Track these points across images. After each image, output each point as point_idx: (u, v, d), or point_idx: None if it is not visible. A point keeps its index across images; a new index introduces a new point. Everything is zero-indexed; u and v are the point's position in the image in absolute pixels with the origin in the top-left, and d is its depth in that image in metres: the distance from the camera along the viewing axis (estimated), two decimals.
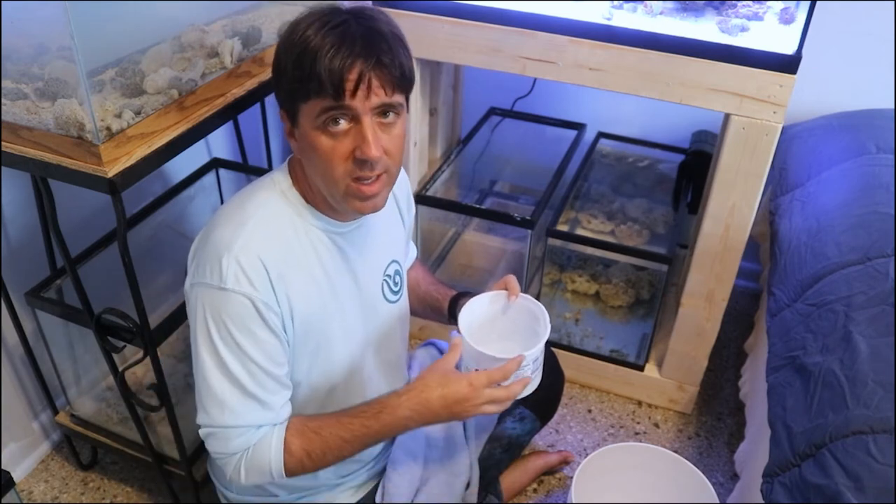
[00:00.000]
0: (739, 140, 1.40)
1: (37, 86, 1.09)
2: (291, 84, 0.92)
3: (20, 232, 1.46)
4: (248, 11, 1.43)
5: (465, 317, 1.08)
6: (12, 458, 1.61)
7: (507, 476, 1.52)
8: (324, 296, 1.04)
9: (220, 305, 0.94)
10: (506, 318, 1.14)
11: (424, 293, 1.31)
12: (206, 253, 0.97)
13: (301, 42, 0.90)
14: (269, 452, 0.99)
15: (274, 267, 0.96)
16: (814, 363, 1.14)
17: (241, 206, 1.00)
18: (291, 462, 1.00)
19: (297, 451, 1.00)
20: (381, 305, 1.15)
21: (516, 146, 2.19)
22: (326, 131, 0.92)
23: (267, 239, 0.97)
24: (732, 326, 2.05)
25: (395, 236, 1.20)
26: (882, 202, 1.37)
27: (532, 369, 1.05)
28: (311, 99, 0.91)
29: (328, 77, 0.88)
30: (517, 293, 1.11)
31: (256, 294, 0.94)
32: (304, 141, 0.96)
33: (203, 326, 0.96)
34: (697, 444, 1.75)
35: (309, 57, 0.89)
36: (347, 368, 1.11)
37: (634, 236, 1.97)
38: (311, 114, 0.92)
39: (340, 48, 0.88)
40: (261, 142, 1.83)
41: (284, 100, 0.96)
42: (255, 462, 0.99)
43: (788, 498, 1.02)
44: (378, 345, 1.16)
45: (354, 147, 0.92)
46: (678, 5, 1.49)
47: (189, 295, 0.99)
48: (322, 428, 1.01)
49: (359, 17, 0.92)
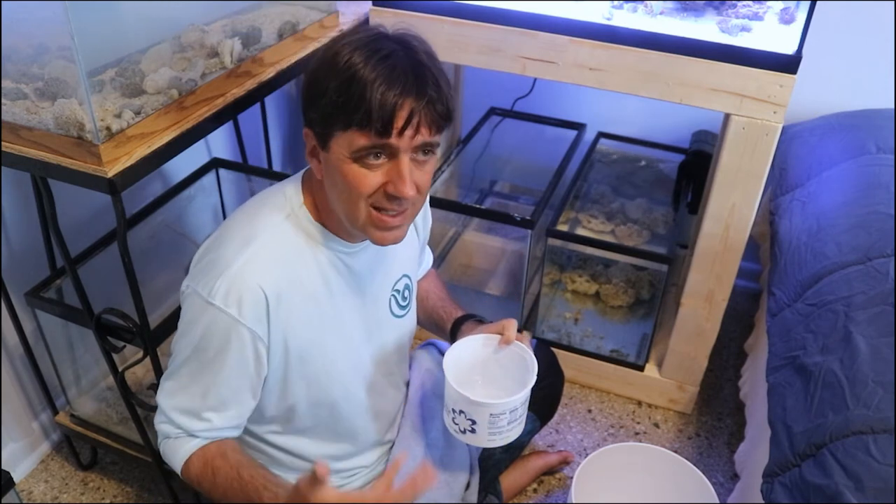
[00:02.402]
0: (739, 140, 1.40)
1: (37, 86, 1.09)
2: (331, 108, 0.88)
3: (20, 232, 1.46)
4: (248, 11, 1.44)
5: (452, 355, 1.07)
6: (12, 458, 1.61)
7: (507, 476, 1.52)
8: (325, 315, 1.03)
9: (203, 317, 0.94)
10: (496, 362, 1.11)
11: (431, 308, 1.29)
12: (207, 263, 0.96)
13: (347, 68, 0.86)
14: (176, 455, 1.01)
15: (273, 292, 0.95)
16: (814, 363, 1.14)
17: (251, 219, 0.99)
18: (187, 477, 1.02)
19: (194, 474, 1.01)
20: (386, 321, 1.14)
21: (516, 146, 2.19)
22: (362, 163, 0.90)
23: (269, 261, 0.96)
24: (732, 326, 2.05)
25: (409, 251, 1.18)
26: (882, 202, 1.37)
27: (509, 420, 1.04)
28: (353, 129, 0.87)
29: (378, 112, 0.85)
30: (510, 340, 1.08)
31: (241, 320, 0.93)
32: (331, 166, 0.92)
33: (183, 327, 0.98)
34: (697, 444, 1.75)
35: (357, 86, 0.85)
36: (349, 384, 1.10)
37: (634, 236, 1.97)
38: (347, 143, 0.89)
39: (392, 84, 0.85)
40: (261, 142, 1.83)
41: (317, 122, 0.91)
42: (169, 453, 1.03)
43: (788, 498, 1.02)
44: (380, 358, 1.15)
45: (387, 181, 0.90)
46: (678, 5, 1.49)
47: (183, 294, 0.99)
48: (219, 471, 0.99)
49: (407, 49, 0.89)
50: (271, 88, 1.35)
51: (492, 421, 1.03)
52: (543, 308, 1.91)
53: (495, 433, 1.05)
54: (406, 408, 1.27)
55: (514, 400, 1.03)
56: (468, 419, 1.04)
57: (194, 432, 1.01)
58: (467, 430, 1.05)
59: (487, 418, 1.03)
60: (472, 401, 1.01)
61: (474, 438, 1.06)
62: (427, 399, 1.27)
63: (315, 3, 1.53)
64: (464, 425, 1.05)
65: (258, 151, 1.86)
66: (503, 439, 1.06)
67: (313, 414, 1.08)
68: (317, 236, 1.00)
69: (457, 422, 1.06)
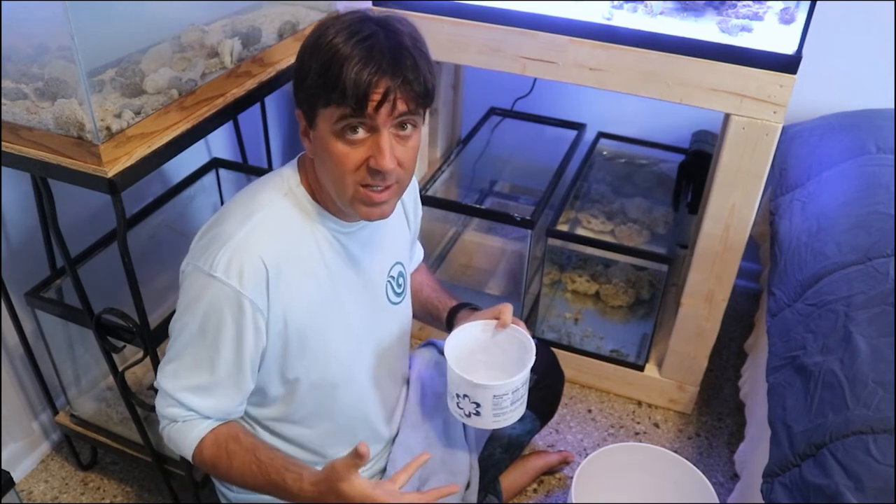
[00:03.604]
0: (739, 140, 1.40)
1: (37, 86, 1.09)
2: (314, 88, 0.92)
3: (20, 232, 1.46)
4: (248, 11, 1.44)
5: (453, 342, 1.10)
6: (12, 458, 1.61)
7: (507, 476, 1.52)
8: (324, 293, 1.04)
9: (206, 290, 0.95)
10: (495, 346, 1.15)
11: (426, 298, 1.31)
12: (208, 238, 0.98)
13: (328, 48, 0.90)
14: (186, 440, 1.02)
15: (274, 264, 0.97)
16: (814, 363, 1.14)
17: (251, 199, 1.01)
18: (199, 461, 1.02)
19: (208, 457, 1.01)
20: (384, 306, 1.16)
21: (516, 146, 2.19)
22: (343, 138, 0.93)
23: (270, 234, 0.98)
24: (732, 326, 2.05)
25: (400, 238, 1.20)
26: (882, 202, 1.37)
27: (512, 400, 1.06)
28: (332, 106, 0.91)
29: (353, 89, 0.88)
30: (507, 323, 1.12)
31: (242, 290, 0.95)
32: (318, 143, 0.96)
33: (184, 304, 0.99)
34: (697, 444, 1.75)
35: (335, 65, 0.89)
36: (348, 367, 1.11)
37: (634, 236, 1.97)
38: (329, 119, 0.92)
39: (368, 62, 0.88)
40: (261, 142, 1.83)
41: (304, 101, 0.96)
42: (176, 438, 1.03)
43: (788, 498, 1.02)
44: (380, 345, 1.16)
45: (369, 156, 0.93)
46: (678, 5, 1.49)
47: (183, 272, 1.00)
48: (236, 455, 1.00)
49: (388, 31, 0.92)
50: (271, 88, 1.36)
51: (496, 402, 1.05)
52: (543, 308, 1.91)
53: (499, 414, 1.08)
54: (406, 406, 1.27)
55: (516, 380, 1.05)
56: (472, 402, 1.06)
57: (204, 412, 1.01)
58: (472, 414, 1.08)
59: (491, 400, 1.05)
60: (474, 384, 1.04)
61: (479, 421, 1.08)
62: (427, 398, 1.28)
63: (315, 3, 1.53)
64: (468, 409, 1.08)
65: (258, 151, 1.86)
66: (507, 420, 1.09)
67: (314, 397, 1.09)
68: (314, 214, 1.03)
69: (461, 406, 1.08)
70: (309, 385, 1.07)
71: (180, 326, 1.00)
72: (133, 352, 1.28)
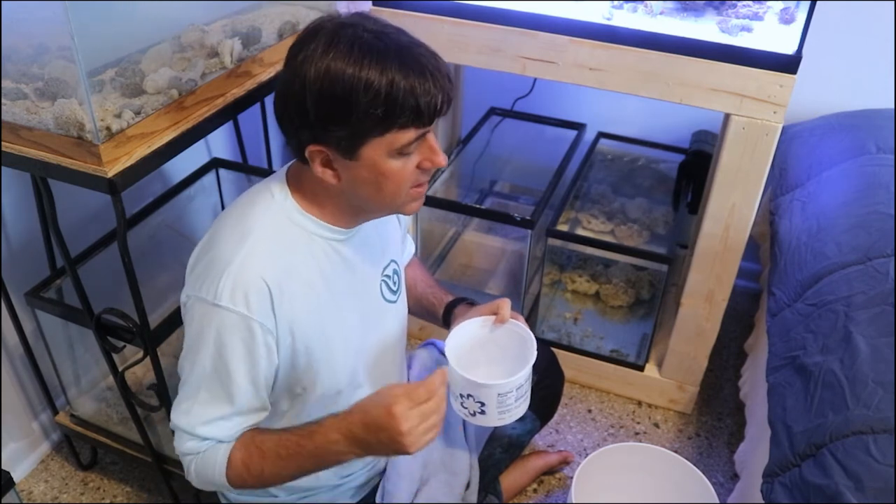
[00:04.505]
0: (739, 140, 1.40)
1: (37, 86, 1.09)
2: (369, 122, 0.89)
3: (20, 232, 1.46)
4: (248, 11, 1.44)
5: (453, 340, 1.09)
6: (12, 458, 1.61)
7: (507, 476, 1.52)
8: (323, 305, 1.03)
9: (212, 321, 0.94)
10: (495, 342, 1.14)
11: (421, 294, 1.31)
12: (204, 266, 0.96)
13: (361, 80, 0.87)
14: (215, 465, 0.99)
15: (275, 282, 0.95)
16: (814, 363, 1.14)
17: (241, 218, 0.99)
18: (232, 475, 1.00)
19: (237, 464, 0.99)
20: (380, 306, 1.15)
21: (516, 146, 2.19)
22: (402, 154, 0.93)
23: (268, 253, 0.96)
24: (732, 326, 2.05)
25: (391, 235, 1.20)
26: (882, 202, 1.37)
27: (516, 396, 1.06)
28: (393, 131, 0.90)
29: (426, 109, 0.90)
30: (505, 319, 1.11)
31: (250, 315, 0.93)
32: (362, 170, 0.94)
33: (193, 337, 0.97)
34: (697, 444, 1.75)
35: (392, 91, 0.87)
36: (352, 372, 1.11)
37: (634, 236, 1.97)
38: (388, 145, 0.91)
39: (424, 77, 0.89)
40: (261, 142, 1.83)
41: (345, 138, 0.91)
42: (203, 469, 1.00)
43: (788, 498, 1.02)
44: (379, 345, 1.16)
45: (421, 159, 0.95)
46: (678, 5, 1.49)
47: (185, 305, 0.99)
48: (265, 442, 0.99)
49: (385, 36, 0.90)
50: (271, 88, 1.35)
51: (500, 400, 1.05)
52: (543, 308, 1.91)
53: (504, 411, 1.07)
54: None
55: (519, 377, 1.04)
56: (477, 402, 1.06)
57: (226, 439, 1.00)
58: (477, 413, 1.07)
59: (496, 398, 1.05)
60: (478, 384, 1.03)
61: (485, 419, 1.08)
62: None
63: (315, 3, 1.53)
64: (473, 408, 1.07)
65: (258, 151, 1.86)
66: (512, 416, 1.08)
67: (320, 405, 1.08)
68: (308, 226, 1.02)
69: (465, 406, 1.07)
70: (315, 396, 1.07)
71: (191, 364, 0.97)
72: (133, 352, 1.28)
